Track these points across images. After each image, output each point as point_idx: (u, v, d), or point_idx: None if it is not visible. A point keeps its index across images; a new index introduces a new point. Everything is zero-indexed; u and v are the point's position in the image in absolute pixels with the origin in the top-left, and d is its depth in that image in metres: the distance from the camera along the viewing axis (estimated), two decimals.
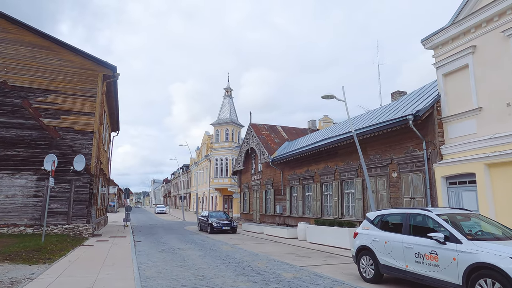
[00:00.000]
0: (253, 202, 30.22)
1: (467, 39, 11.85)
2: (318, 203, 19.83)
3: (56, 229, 16.01)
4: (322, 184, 19.75)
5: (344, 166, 17.80)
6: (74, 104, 17.47)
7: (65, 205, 16.47)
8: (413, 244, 6.33)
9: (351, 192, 17.34)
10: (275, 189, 25.89)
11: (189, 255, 11.42)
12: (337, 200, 18.07)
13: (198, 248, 13.50)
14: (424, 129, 12.91)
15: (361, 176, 16.43)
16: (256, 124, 30.44)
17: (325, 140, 19.11)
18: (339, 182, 18.05)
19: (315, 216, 19.94)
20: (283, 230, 17.78)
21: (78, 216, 16.56)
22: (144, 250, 12.76)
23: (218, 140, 43.19)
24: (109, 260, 9.75)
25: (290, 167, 23.76)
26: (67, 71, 17.62)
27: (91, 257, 9.76)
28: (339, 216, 17.65)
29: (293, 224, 22.57)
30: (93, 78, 17.99)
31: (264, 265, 9.53)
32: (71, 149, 17.04)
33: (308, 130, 32.50)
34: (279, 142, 28.31)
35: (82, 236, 16.13)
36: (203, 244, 14.80)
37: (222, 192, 43.59)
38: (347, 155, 17.64)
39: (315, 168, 20.54)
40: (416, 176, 13.23)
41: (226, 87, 44.93)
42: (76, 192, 16.75)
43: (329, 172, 19.08)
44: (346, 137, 16.78)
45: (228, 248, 13.54)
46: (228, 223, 21.47)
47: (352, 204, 17.19)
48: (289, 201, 23.50)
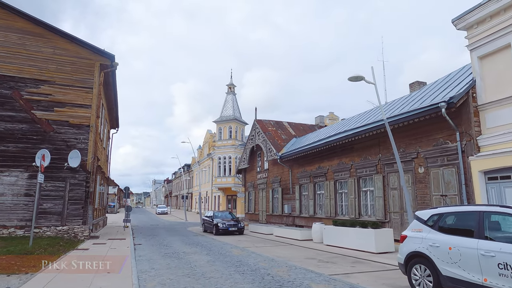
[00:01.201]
0: (259, 202, 28.86)
1: (509, 16, 10.47)
2: (331, 202, 18.46)
3: (49, 231, 14.66)
4: (336, 182, 18.38)
5: (361, 161, 16.43)
6: (69, 96, 16.12)
7: (59, 204, 15.13)
8: (495, 252, 4.92)
9: (369, 190, 15.97)
10: (283, 188, 24.52)
11: (196, 261, 10.06)
12: (353, 198, 16.70)
13: (205, 252, 12.14)
14: (457, 118, 11.54)
15: (381, 172, 15.06)
16: (261, 120, 29.09)
17: (340, 134, 17.75)
18: (356, 179, 16.68)
19: (328, 216, 18.58)
20: (295, 231, 16.42)
21: (73, 217, 15.21)
22: (145, 255, 11.41)
23: (221, 138, 41.82)
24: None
25: (299, 164, 22.40)
26: (61, 60, 16.27)
27: (84, 264, 8.42)
28: (356, 216, 16.28)
29: (303, 224, 21.21)
30: (89, 68, 16.63)
31: (285, 273, 8.16)
32: (65, 144, 15.70)
33: (315, 126, 31.16)
34: (286, 138, 26.95)
35: (78, 238, 14.78)
36: (210, 247, 13.44)
37: (226, 191, 42.22)
38: (365, 149, 16.27)
39: (328, 164, 19.17)
40: (448, 171, 11.86)
41: (229, 83, 43.56)
42: (71, 190, 15.40)
43: (344, 168, 17.71)
44: (364, 130, 15.42)
45: (238, 252, 12.18)
46: (235, 223, 20.11)
47: (371, 202, 15.82)
48: (298, 200, 22.13)
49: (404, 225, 13.59)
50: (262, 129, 27.39)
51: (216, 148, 42.22)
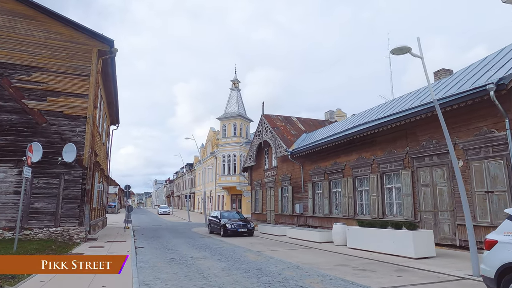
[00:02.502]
0: (267, 201, 27.38)
1: None
2: (350, 200, 16.97)
3: (41, 233, 13.21)
4: (355, 179, 16.89)
5: (385, 156, 14.94)
6: (64, 84, 14.68)
7: (52, 203, 13.68)
8: None
9: (394, 187, 14.48)
10: (293, 186, 23.04)
11: (209, 268, 8.58)
12: (376, 196, 15.21)
13: (216, 257, 10.66)
14: (506, 103, 10.05)
15: (409, 167, 13.57)
16: (269, 115, 27.60)
17: (360, 126, 16.25)
18: (379, 176, 15.19)
19: (346, 216, 17.10)
20: (313, 232, 14.92)
21: (68, 217, 13.76)
22: (148, 260, 9.94)
23: (226, 135, 40.33)
24: (99, 279, 6.95)
25: (312, 160, 20.91)
26: (55, 45, 14.83)
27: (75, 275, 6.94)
28: (379, 216, 14.80)
29: (317, 225, 19.74)
30: (86, 54, 15.19)
31: (321, 285, 6.68)
32: (59, 136, 14.25)
33: (326, 121, 29.69)
34: (296, 134, 25.45)
35: (73, 241, 13.32)
36: (220, 251, 11.96)
37: (230, 191, 40.73)
38: (389, 142, 14.78)
39: (345, 160, 17.68)
40: (495, 164, 10.36)
41: (233, 78, 42.05)
42: (65, 188, 13.95)
43: (364, 164, 16.21)
44: (389, 121, 13.92)
45: (254, 256, 10.69)
46: (244, 224, 18.62)
47: (397, 201, 14.33)
48: (311, 199, 20.64)
49: (438, 225, 12.11)
50: (270, 124, 25.90)
51: (220, 146, 40.74)
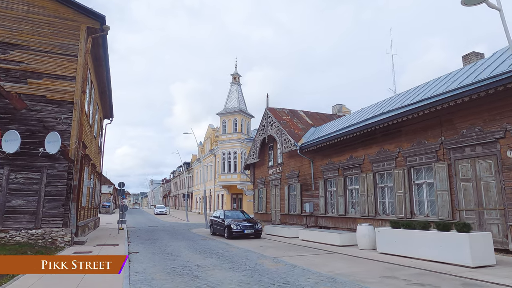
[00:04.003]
0: (271, 200, 25.57)
1: None
2: (370, 198, 15.20)
3: (18, 236, 11.32)
4: (376, 174, 15.13)
5: (413, 147, 13.19)
6: (47, 65, 12.81)
7: (33, 201, 11.80)
8: None
9: (425, 182, 12.73)
10: (302, 183, 21.25)
11: (222, 282, 6.76)
12: (402, 193, 13.46)
13: (227, 265, 8.84)
14: None
15: (445, 160, 11.83)
16: (274, 108, 25.79)
17: (383, 115, 14.50)
18: (405, 170, 13.44)
19: (364, 216, 15.34)
20: (332, 234, 13.13)
21: (51, 217, 11.89)
22: (144, 271, 8.11)
23: (226, 132, 38.48)
24: None
25: (323, 155, 19.14)
26: (38, 20, 12.96)
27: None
28: (407, 215, 13.05)
29: (330, 226, 17.96)
30: (73, 31, 13.33)
31: None
32: (41, 124, 12.37)
33: (334, 115, 27.92)
34: (303, 127, 23.67)
35: (56, 245, 11.45)
36: (230, 257, 10.14)
37: (230, 189, 38.89)
38: (418, 132, 13.04)
39: (364, 153, 15.91)
40: None
41: (233, 73, 40.21)
42: (48, 183, 12.08)
43: (387, 157, 14.46)
44: (421, 107, 12.17)
45: (272, 264, 8.88)
46: (251, 225, 16.80)
47: (428, 198, 12.58)
48: (323, 197, 18.86)
49: (484, 226, 10.37)
50: (276, 117, 24.10)
51: (220, 143, 38.89)
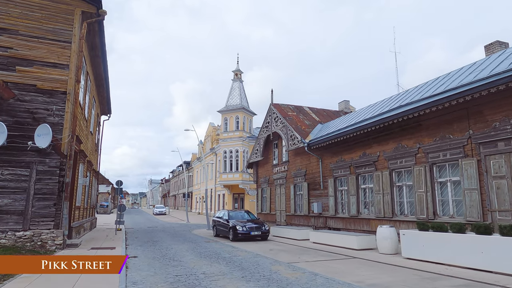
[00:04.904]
0: (276, 200, 24.53)
1: None
2: (386, 198, 14.16)
3: (4, 238, 10.24)
4: (393, 172, 14.09)
5: (435, 142, 12.15)
6: (38, 51, 11.74)
7: (21, 200, 10.73)
8: None
9: (450, 180, 11.69)
10: (309, 182, 20.21)
11: None
12: (423, 193, 12.41)
13: (238, 272, 7.78)
14: None
15: (473, 155, 10.79)
16: (279, 104, 24.75)
17: (401, 108, 13.46)
18: (427, 167, 12.40)
19: (379, 217, 14.31)
20: (348, 237, 12.08)
21: (40, 218, 10.81)
22: (144, 280, 7.04)
23: (227, 130, 37.39)
24: None
25: (333, 152, 18.10)
26: (28, 2, 11.89)
27: None
28: (429, 216, 12.01)
29: (340, 227, 16.92)
30: (67, 16, 12.27)
31: None
32: (31, 116, 11.30)
33: (340, 112, 26.88)
34: (310, 124, 22.62)
35: (46, 248, 10.38)
36: (239, 263, 9.07)
37: (232, 189, 37.79)
38: (441, 126, 12.00)
39: (379, 150, 14.88)
40: None
41: (235, 69, 39.13)
42: (38, 181, 11.01)
43: (405, 153, 13.43)
44: (446, 98, 11.14)
45: (289, 272, 7.82)
46: (257, 226, 15.74)
47: (454, 197, 11.54)
48: (333, 196, 17.81)
49: None
50: (281, 113, 23.05)
51: (221, 141, 37.81)
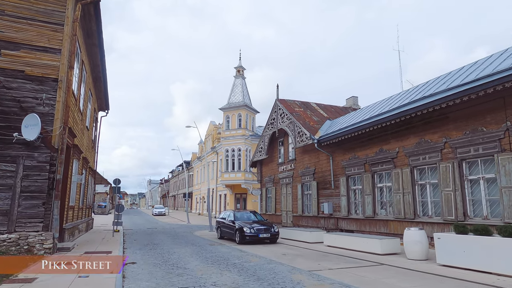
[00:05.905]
0: (282, 200, 23.39)
1: None
2: (406, 197, 13.03)
3: None
4: (414, 169, 12.97)
5: (465, 136, 11.03)
6: (26, 34, 10.58)
7: (5, 199, 9.56)
8: None
9: (483, 178, 10.56)
10: (318, 181, 19.08)
11: None
12: (450, 192, 11.29)
13: (254, 283, 6.62)
14: None
15: (511, 150, 9.66)
16: (285, 99, 23.63)
17: (424, 100, 12.34)
18: (455, 163, 11.27)
19: (399, 218, 13.19)
20: (369, 240, 10.93)
21: (27, 219, 9.65)
22: None
23: (229, 128, 36.24)
24: None
25: (345, 149, 16.99)
26: None
27: None
28: (458, 217, 10.89)
29: (354, 229, 15.79)
30: None
31: None
32: (18, 105, 10.14)
33: (348, 108, 25.78)
34: (318, 120, 21.50)
35: (33, 253, 9.22)
36: (254, 272, 7.93)
37: (234, 189, 36.65)
38: (471, 118, 10.89)
39: (398, 145, 13.76)
40: None
41: (237, 65, 37.99)
42: (25, 177, 9.85)
43: (429, 149, 12.31)
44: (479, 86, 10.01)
45: (314, 283, 6.66)
46: (266, 228, 14.59)
47: (487, 197, 10.41)
48: (345, 196, 16.68)
49: None
50: (288, 109, 21.93)
51: (223, 139, 36.65)
